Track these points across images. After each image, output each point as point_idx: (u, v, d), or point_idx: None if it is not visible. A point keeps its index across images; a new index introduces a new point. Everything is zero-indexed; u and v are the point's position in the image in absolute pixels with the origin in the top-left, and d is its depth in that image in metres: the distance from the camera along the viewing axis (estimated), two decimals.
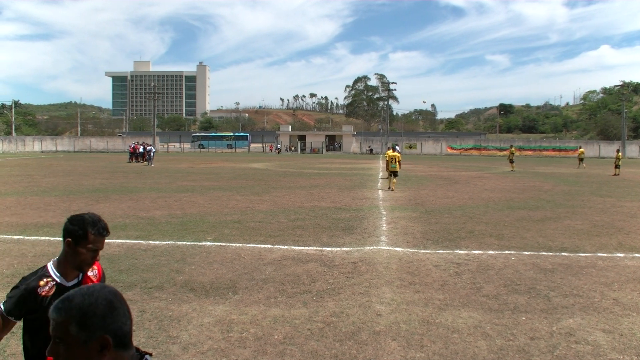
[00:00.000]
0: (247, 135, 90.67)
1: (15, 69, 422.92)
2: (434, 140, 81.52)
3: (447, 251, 9.23)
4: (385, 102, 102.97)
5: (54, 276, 2.61)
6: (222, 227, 11.53)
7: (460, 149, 74.28)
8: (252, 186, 21.63)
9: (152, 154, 39.50)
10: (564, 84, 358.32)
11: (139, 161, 43.51)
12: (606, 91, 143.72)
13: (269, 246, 9.50)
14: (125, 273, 7.47)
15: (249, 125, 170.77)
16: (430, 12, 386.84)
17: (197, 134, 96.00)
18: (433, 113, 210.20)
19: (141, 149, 44.42)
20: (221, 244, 9.67)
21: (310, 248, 9.38)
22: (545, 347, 4.99)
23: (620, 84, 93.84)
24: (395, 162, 20.88)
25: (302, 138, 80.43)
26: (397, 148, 42.48)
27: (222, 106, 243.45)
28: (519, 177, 28.51)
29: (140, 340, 5.01)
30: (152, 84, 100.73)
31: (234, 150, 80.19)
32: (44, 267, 2.66)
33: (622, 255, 9.07)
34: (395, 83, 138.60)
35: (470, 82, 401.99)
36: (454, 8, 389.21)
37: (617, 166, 32.11)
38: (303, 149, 76.75)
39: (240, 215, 13.22)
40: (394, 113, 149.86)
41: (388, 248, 9.40)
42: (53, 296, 2.51)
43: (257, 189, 20.22)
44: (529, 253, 9.13)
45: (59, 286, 2.58)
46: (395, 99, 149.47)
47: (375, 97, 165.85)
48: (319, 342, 5.07)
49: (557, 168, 39.67)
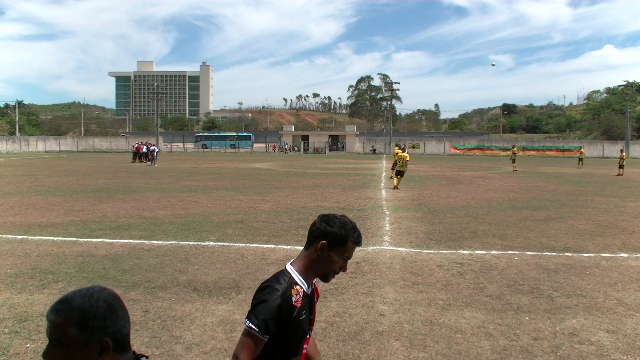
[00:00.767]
0: (250, 135, 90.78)
1: (19, 69, 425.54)
2: (437, 140, 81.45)
3: (450, 251, 9.22)
4: (389, 102, 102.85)
5: (300, 283, 2.24)
6: (226, 227, 11.54)
7: (463, 149, 74.19)
8: (255, 186, 21.65)
9: (155, 154, 39.53)
10: (568, 83, 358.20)
11: (142, 161, 43.59)
12: (610, 91, 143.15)
13: (272, 246, 9.50)
14: (129, 273, 7.48)
15: (252, 125, 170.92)
16: (433, 12, 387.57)
17: (200, 134, 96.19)
18: (436, 113, 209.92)
19: (144, 149, 44.51)
20: (224, 243, 9.68)
21: None
22: (549, 348, 4.98)
23: (624, 83, 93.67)
24: (403, 162, 21.02)
25: (305, 138, 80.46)
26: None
27: (225, 106, 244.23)
28: (522, 177, 28.45)
29: (143, 340, 5.03)
30: (156, 84, 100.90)
31: (237, 150, 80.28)
32: (284, 273, 2.25)
33: (625, 255, 9.05)
34: (399, 83, 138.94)
35: (473, 82, 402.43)
36: (458, 8, 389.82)
37: (621, 166, 32.01)
38: (306, 149, 76.77)
39: (243, 215, 13.23)
40: (397, 113, 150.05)
41: (391, 248, 9.39)
42: (301, 308, 2.18)
43: (260, 189, 20.23)
44: (532, 253, 9.11)
45: (304, 295, 2.23)
46: (398, 99, 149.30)
47: (378, 97, 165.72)
48: (322, 342, 5.07)
49: (560, 168, 39.57)
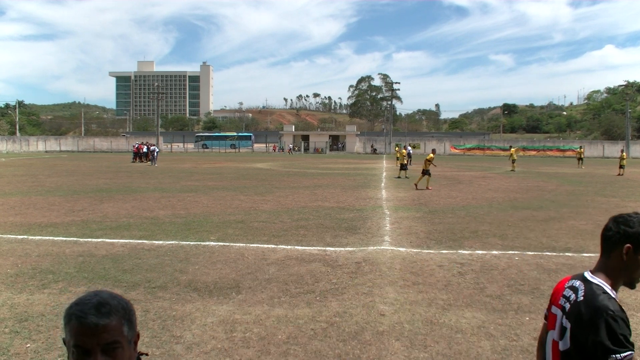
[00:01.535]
0: (250, 135, 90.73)
1: (19, 69, 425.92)
2: (438, 140, 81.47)
3: (451, 251, 9.22)
4: (389, 102, 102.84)
5: (612, 294, 2.06)
6: (226, 227, 11.55)
7: (463, 149, 74.18)
8: (256, 186, 21.65)
9: (155, 154, 39.53)
10: (568, 83, 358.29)
11: (142, 161, 43.60)
12: (610, 91, 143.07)
13: (273, 246, 9.51)
14: (129, 273, 7.49)
15: (252, 125, 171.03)
16: (434, 12, 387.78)
17: (201, 134, 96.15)
18: (436, 113, 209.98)
19: (145, 149, 44.52)
20: (225, 243, 9.68)
21: (314, 248, 9.38)
22: None
23: (624, 83, 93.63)
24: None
25: (306, 138, 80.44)
26: (410, 149, 43.27)
27: (225, 106, 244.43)
28: (523, 177, 28.44)
29: (144, 340, 5.03)
30: (156, 84, 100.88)
31: (237, 150, 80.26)
32: (597, 286, 2.03)
33: None
34: (399, 83, 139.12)
35: (474, 82, 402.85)
36: (458, 8, 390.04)
37: (621, 166, 31.98)
38: (307, 149, 76.76)
39: (243, 215, 13.23)
40: (398, 113, 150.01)
41: (391, 248, 9.39)
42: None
43: (260, 189, 20.23)
44: (532, 253, 9.11)
45: None
46: (398, 98, 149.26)
47: (378, 97, 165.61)
48: (323, 342, 5.07)
49: (560, 168, 39.56)
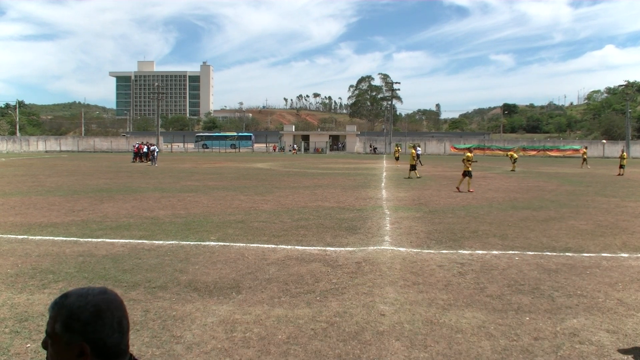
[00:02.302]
0: (250, 135, 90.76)
1: (19, 69, 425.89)
2: (438, 140, 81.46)
3: (451, 251, 9.22)
4: (389, 102, 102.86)
5: None
6: (226, 227, 11.55)
7: (463, 149, 74.11)
8: (256, 186, 21.65)
9: (155, 153, 39.53)
10: (568, 83, 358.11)
11: (142, 161, 43.59)
12: (610, 91, 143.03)
13: (273, 246, 9.51)
14: (129, 273, 7.49)
15: (252, 125, 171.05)
16: (434, 12, 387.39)
17: (201, 134, 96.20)
18: (437, 113, 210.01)
19: (145, 149, 44.52)
20: (225, 243, 9.69)
21: (314, 248, 9.38)
22: (549, 348, 4.98)
23: (625, 83, 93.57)
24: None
25: (306, 138, 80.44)
26: (419, 150, 43.33)
27: (225, 106, 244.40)
28: (523, 177, 28.43)
29: (144, 340, 5.03)
30: (156, 84, 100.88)
31: (237, 150, 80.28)
32: None
33: (626, 255, 9.04)
34: (399, 83, 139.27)
35: (474, 82, 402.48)
36: (458, 8, 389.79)
37: (621, 166, 31.96)
38: (307, 149, 76.76)
39: (244, 215, 13.23)
40: (398, 113, 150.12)
41: (392, 248, 9.39)
42: None
43: (260, 189, 20.23)
44: (532, 253, 9.11)
45: None
46: (399, 98, 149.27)
47: (379, 97, 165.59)
48: (323, 342, 5.07)
49: (561, 168, 39.55)
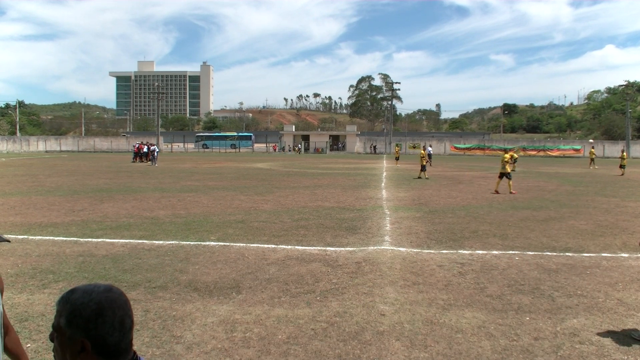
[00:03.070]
0: (250, 135, 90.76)
1: (19, 69, 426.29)
2: (438, 140, 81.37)
3: (451, 251, 9.22)
4: (389, 102, 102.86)
5: None
6: (226, 227, 11.55)
7: (464, 149, 74.14)
8: (256, 186, 21.65)
9: (156, 153, 39.53)
10: (568, 83, 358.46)
11: (142, 161, 43.60)
12: (610, 91, 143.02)
13: (273, 246, 9.51)
14: (129, 273, 7.49)
15: (252, 125, 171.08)
16: (434, 11, 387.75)
17: (201, 134, 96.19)
18: (437, 113, 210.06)
19: (145, 149, 44.53)
20: (225, 243, 9.69)
21: (314, 248, 9.38)
22: (549, 348, 4.98)
23: (625, 83, 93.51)
24: (505, 162, 20.92)
25: (306, 138, 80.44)
26: (430, 149, 43.08)
27: (225, 106, 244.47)
28: (523, 177, 28.42)
29: (144, 340, 5.03)
30: (156, 83, 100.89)
31: (237, 150, 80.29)
32: None
33: (626, 255, 9.04)
34: (399, 83, 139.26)
35: (474, 82, 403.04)
36: (459, 8, 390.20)
37: (622, 166, 31.95)
38: (307, 149, 76.76)
39: (244, 215, 13.23)
40: (398, 113, 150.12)
41: (392, 248, 9.39)
42: None
43: (260, 189, 20.23)
44: (532, 253, 9.11)
45: None
46: (399, 98, 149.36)
47: (379, 97, 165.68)
48: (323, 342, 5.07)
49: (561, 168, 39.53)
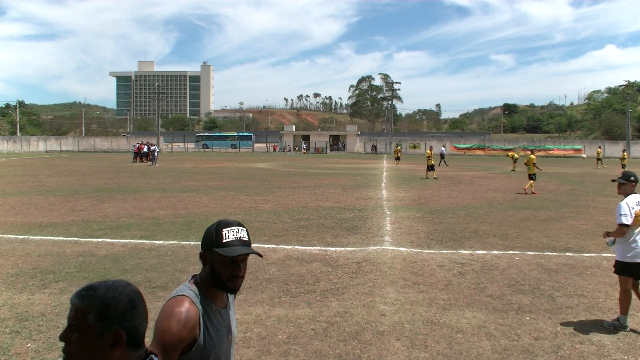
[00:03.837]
0: (251, 135, 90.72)
1: (20, 69, 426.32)
2: (438, 140, 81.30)
3: (451, 251, 9.22)
4: (389, 102, 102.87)
5: None
6: None
7: (464, 149, 74.12)
8: (256, 186, 21.65)
9: (156, 153, 39.54)
10: (569, 83, 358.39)
11: (143, 161, 43.60)
12: (611, 91, 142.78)
13: (273, 246, 9.51)
14: (130, 272, 7.49)
15: (252, 125, 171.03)
16: (435, 11, 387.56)
17: (201, 134, 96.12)
18: (437, 113, 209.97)
19: (145, 149, 44.54)
20: None
21: (314, 248, 9.39)
22: (550, 348, 4.98)
23: (625, 83, 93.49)
24: (530, 164, 20.98)
25: (306, 138, 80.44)
26: (443, 149, 42.68)
27: (226, 106, 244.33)
28: (523, 177, 28.36)
29: (145, 340, 5.02)
30: (156, 83, 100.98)
31: (237, 150, 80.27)
32: None
33: None
34: (400, 83, 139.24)
35: (474, 82, 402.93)
36: (459, 8, 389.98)
37: (623, 166, 32.00)
38: (307, 149, 76.77)
39: (244, 215, 13.23)
40: (398, 113, 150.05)
41: (392, 248, 9.39)
42: None
43: (261, 189, 20.23)
44: (533, 253, 9.11)
45: None
46: (399, 98, 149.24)
47: (379, 97, 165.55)
48: (323, 342, 5.07)
49: (561, 168, 39.51)
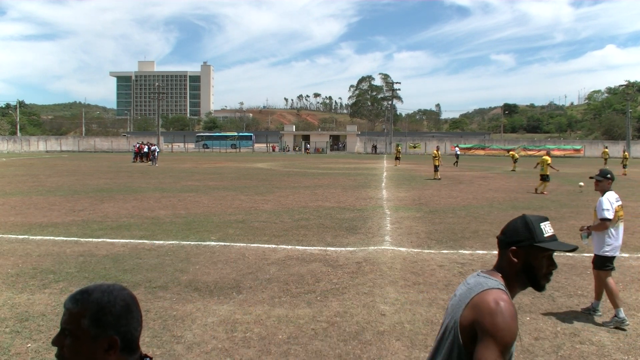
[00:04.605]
0: (251, 135, 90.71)
1: (20, 69, 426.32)
2: (438, 140, 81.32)
3: (451, 251, 9.22)
4: (390, 102, 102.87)
5: None
6: (226, 227, 11.55)
7: (464, 149, 74.07)
8: (256, 186, 21.65)
9: (156, 153, 39.55)
10: (569, 83, 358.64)
11: (143, 161, 43.61)
12: (611, 91, 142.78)
13: (273, 246, 9.51)
14: (130, 273, 7.49)
15: (253, 125, 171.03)
16: (435, 11, 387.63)
17: (201, 134, 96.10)
18: (437, 113, 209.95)
19: (145, 149, 44.54)
20: (225, 243, 9.69)
21: (314, 248, 9.39)
22: (550, 348, 4.98)
23: (625, 83, 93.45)
24: (544, 165, 20.13)
25: (306, 138, 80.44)
26: (457, 150, 42.09)
27: (226, 106, 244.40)
28: (523, 177, 28.42)
29: (144, 340, 5.03)
30: (157, 83, 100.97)
31: (238, 150, 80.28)
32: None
33: (626, 255, 9.04)
34: (400, 83, 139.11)
35: (474, 82, 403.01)
36: (459, 8, 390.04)
37: (624, 166, 32.00)
38: (306, 149, 76.77)
39: (244, 215, 13.24)
40: (398, 113, 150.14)
41: (392, 248, 9.39)
42: None
43: (261, 189, 20.23)
44: None
45: None
46: (399, 98, 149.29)
47: (379, 97, 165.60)
48: (323, 342, 5.07)
49: (561, 168, 39.48)
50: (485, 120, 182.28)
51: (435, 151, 27.33)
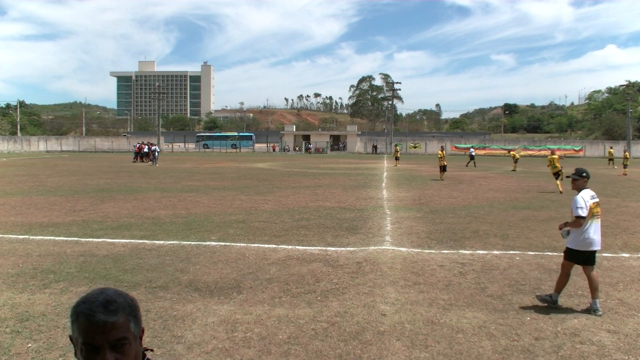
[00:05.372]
0: (251, 135, 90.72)
1: (20, 69, 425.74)
2: (439, 140, 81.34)
3: (452, 251, 9.22)
4: (390, 102, 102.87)
5: None
6: (227, 227, 11.55)
7: (464, 149, 74.08)
8: (257, 186, 21.66)
9: (156, 153, 39.54)
10: (569, 83, 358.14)
11: (143, 161, 43.62)
12: (611, 91, 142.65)
13: (274, 246, 9.51)
14: (130, 273, 7.50)
15: (253, 125, 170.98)
16: (435, 11, 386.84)
17: (202, 134, 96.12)
18: (437, 113, 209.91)
19: (146, 149, 44.56)
20: (226, 243, 9.69)
21: (315, 248, 9.39)
22: (550, 348, 4.98)
23: (626, 83, 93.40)
24: (555, 163, 21.28)
25: (307, 138, 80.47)
26: (472, 151, 41.97)
27: (226, 106, 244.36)
28: (524, 177, 28.41)
29: (145, 339, 5.01)
30: (157, 83, 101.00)
31: (238, 150, 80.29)
32: None
33: (627, 255, 9.04)
34: (400, 83, 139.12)
35: (475, 82, 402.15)
36: (460, 8, 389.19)
37: (625, 166, 32.00)
38: (307, 149, 76.80)
39: (244, 215, 13.24)
40: (399, 113, 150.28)
41: (392, 248, 9.39)
42: None
43: (261, 189, 20.24)
44: (533, 253, 9.11)
45: None
46: (399, 98, 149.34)
47: (379, 97, 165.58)
48: (323, 342, 5.07)
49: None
50: (485, 120, 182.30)
51: (441, 151, 26.96)
